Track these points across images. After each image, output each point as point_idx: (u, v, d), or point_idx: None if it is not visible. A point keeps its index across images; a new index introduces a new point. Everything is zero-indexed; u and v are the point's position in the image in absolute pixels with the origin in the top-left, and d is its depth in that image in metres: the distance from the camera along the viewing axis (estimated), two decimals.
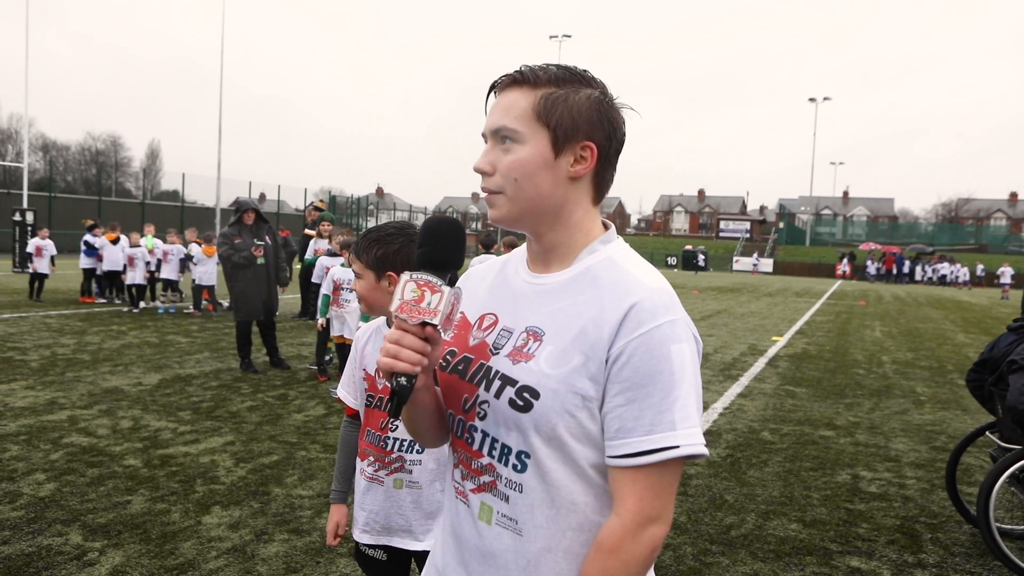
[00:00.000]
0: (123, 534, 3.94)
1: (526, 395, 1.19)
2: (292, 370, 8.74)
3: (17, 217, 24.09)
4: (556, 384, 1.17)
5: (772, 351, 11.98)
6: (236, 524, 4.14)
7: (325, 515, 4.30)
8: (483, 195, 1.28)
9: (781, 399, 8.17)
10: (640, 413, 1.14)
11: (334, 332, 7.46)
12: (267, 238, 8.78)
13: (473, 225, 63.33)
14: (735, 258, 54.27)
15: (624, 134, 1.28)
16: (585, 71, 1.27)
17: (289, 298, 15.41)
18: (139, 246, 14.12)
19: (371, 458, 2.16)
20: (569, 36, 56.10)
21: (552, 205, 1.25)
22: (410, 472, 2.13)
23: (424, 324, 1.16)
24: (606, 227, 1.33)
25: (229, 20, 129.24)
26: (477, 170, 1.26)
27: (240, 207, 8.83)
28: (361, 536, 2.19)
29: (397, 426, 2.13)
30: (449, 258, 1.21)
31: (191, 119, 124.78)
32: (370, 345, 2.24)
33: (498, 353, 1.26)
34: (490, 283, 1.38)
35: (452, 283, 1.20)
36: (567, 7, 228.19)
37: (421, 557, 2.16)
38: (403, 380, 1.15)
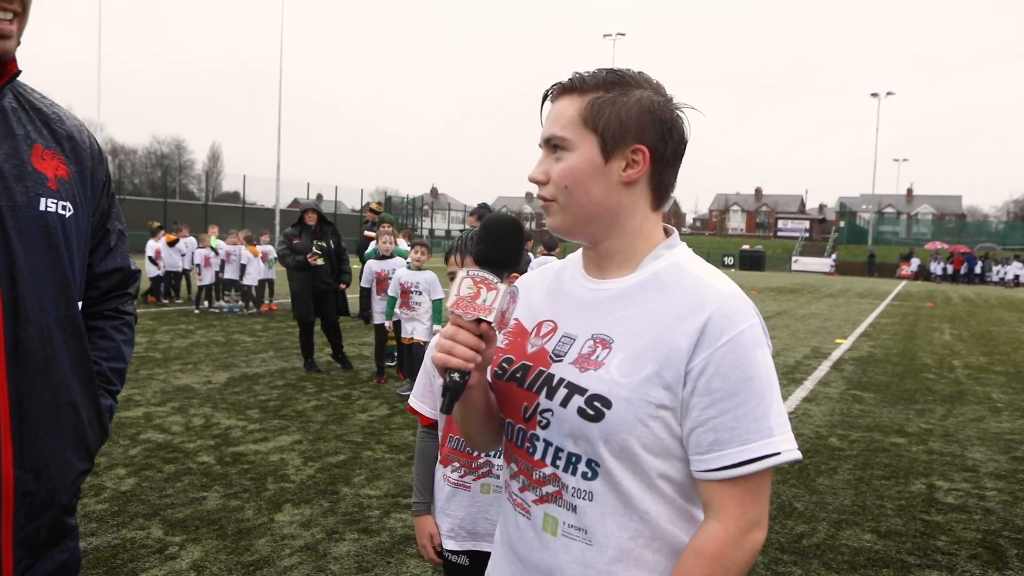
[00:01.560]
0: (200, 529, 4.06)
1: (597, 404, 1.17)
2: (355, 370, 8.88)
3: None
4: (629, 393, 1.15)
5: (836, 354, 11.69)
6: (307, 522, 4.22)
7: (394, 515, 4.36)
8: (539, 203, 1.28)
9: (848, 404, 7.97)
10: (735, 423, 1.12)
11: (405, 334, 7.39)
12: (330, 241, 8.93)
13: (529, 225, 63.45)
14: (794, 258, 53.12)
15: (683, 135, 1.25)
16: (639, 73, 1.25)
17: (349, 297, 15.66)
18: (208, 247, 14.51)
19: (456, 464, 2.18)
20: (623, 34, 55.61)
21: (606, 211, 1.23)
22: (498, 476, 2.14)
23: (479, 321, 1.17)
24: (667, 232, 1.31)
25: (288, 27, 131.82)
26: (532, 180, 1.26)
27: (304, 208, 9.01)
28: (447, 543, 2.20)
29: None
30: (507, 256, 1.22)
31: (251, 122, 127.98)
32: None
33: (560, 360, 1.24)
34: (546, 289, 1.36)
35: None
36: (624, 2, 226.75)
37: None
38: (456, 376, 1.16)
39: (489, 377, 1.32)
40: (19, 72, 1.39)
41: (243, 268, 14.30)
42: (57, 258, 1.39)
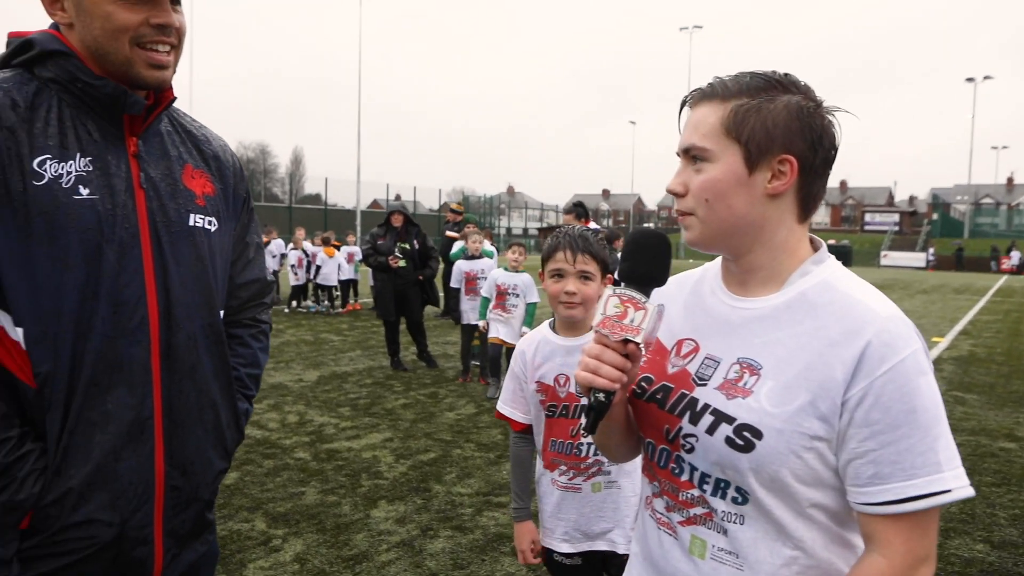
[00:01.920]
0: (301, 523, 4.20)
1: (746, 434, 1.12)
2: (440, 368, 9.01)
3: None
4: (781, 424, 1.10)
5: (934, 353, 11.18)
6: (402, 519, 4.31)
7: (486, 513, 4.40)
8: (676, 216, 1.24)
9: (950, 406, 7.61)
10: (898, 457, 1.05)
11: (492, 334, 7.33)
12: (415, 242, 9.08)
13: (604, 222, 63.00)
14: (883, 252, 51.03)
15: (834, 142, 1.18)
16: (786, 75, 1.18)
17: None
18: (299, 249, 14.98)
19: (563, 467, 2.17)
20: (700, 27, 54.36)
21: (749, 225, 1.17)
22: (608, 473, 2.13)
23: (626, 341, 1.14)
24: (815, 246, 1.24)
25: (366, 35, 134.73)
26: (670, 191, 1.22)
27: (390, 209, 9.20)
28: (560, 546, 2.19)
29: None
30: (654, 273, 1.19)
31: (332, 126, 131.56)
32: (539, 356, 2.20)
33: (704, 384, 1.19)
34: (683, 304, 1.31)
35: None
36: None
37: (610, 561, 2.16)
38: (601, 396, 1.14)
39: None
40: (175, 99, 1.49)
41: (318, 269, 14.70)
42: (203, 270, 1.48)
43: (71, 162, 1.31)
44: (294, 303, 15.00)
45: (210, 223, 1.50)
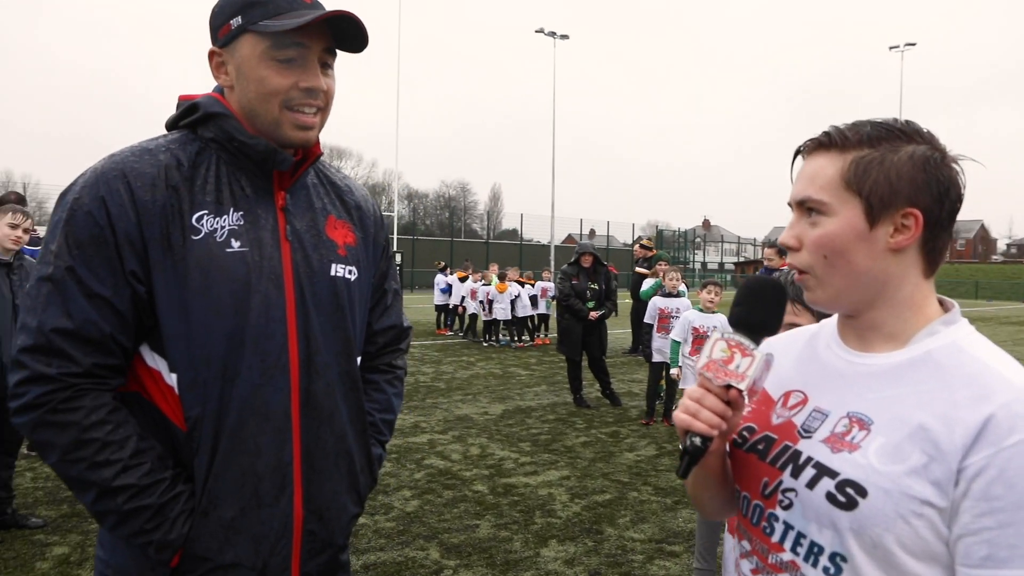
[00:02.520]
0: (472, 556, 4.28)
1: (850, 491, 1.03)
2: (623, 407, 8.90)
3: None
4: (889, 484, 1.01)
5: None
6: (571, 560, 4.26)
7: (657, 562, 4.25)
8: (793, 273, 1.18)
9: None
10: (1018, 540, 0.94)
11: (684, 385, 6.91)
12: (601, 283, 9.12)
13: None
14: None
15: (960, 193, 1.09)
16: (908, 123, 1.10)
17: (618, 332, 15.81)
18: (488, 283, 15.55)
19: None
20: (913, 44, 50.06)
21: (871, 281, 1.10)
22: None
23: (729, 387, 1.10)
24: (946, 306, 1.14)
25: (560, 74, 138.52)
26: (782, 244, 1.15)
27: (580, 250, 9.31)
28: None
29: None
30: (767, 321, 1.14)
31: (527, 163, 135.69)
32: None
33: (810, 437, 1.12)
34: (796, 356, 1.25)
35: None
36: (914, 8, 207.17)
37: None
38: (698, 440, 1.10)
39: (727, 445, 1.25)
40: (321, 154, 1.59)
41: (490, 304, 15.07)
42: (342, 318, 1.54)
43: (225, 216, 1.42)
44: (489, 336, 15.51)
45: (350, 272, 1.56)
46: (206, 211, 1.41)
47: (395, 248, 32.90)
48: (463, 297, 16.48)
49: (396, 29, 41.55)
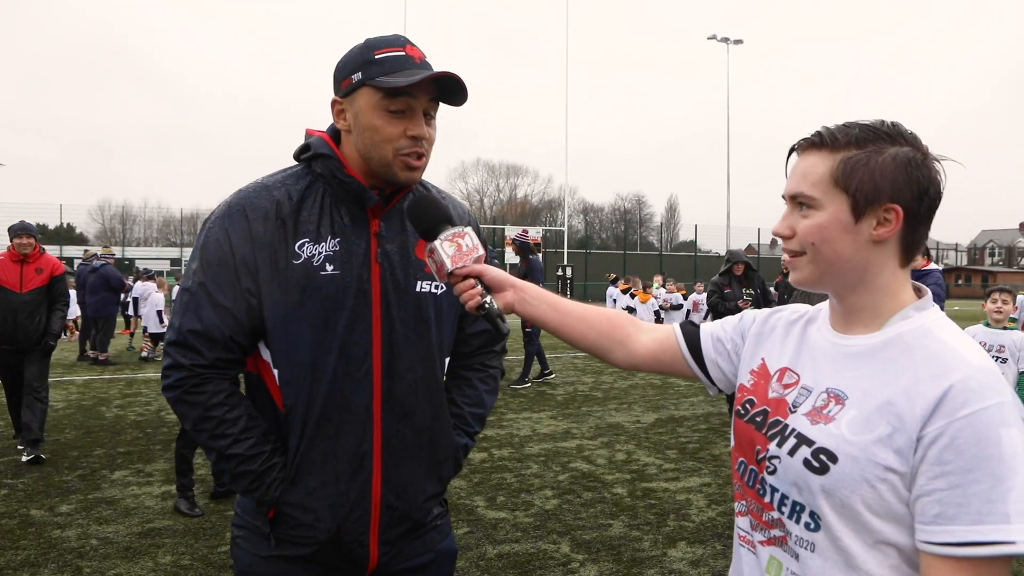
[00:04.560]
0: (601, 552, 4.51)
1: (823, 457, 1.18)
2: None
3: (559, 272, 28.72)
4: (857, 451, 1.15)
5: None
6: (697, 561, 4.38)
7: None
8: (785, 257, 1.32)
9: None
10: (965, 500, 1.06)
11: None
12: (756, 288, 8.99)
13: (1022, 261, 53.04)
14: None
15: (940, 191, 1.20)
16: (894, 125, 1.22)
17: None
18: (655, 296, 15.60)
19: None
20: None
21: (853, 268, 1.23)
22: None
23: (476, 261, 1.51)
24: (919, 293, 1.26)
25: (733, 81, 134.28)
26: (776, 234, 1.31)
27: (731, 259, 9.24)
28: None
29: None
30: (438, 215, 1.56)
31: (703, 172, 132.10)
32: None
33: (796, 412, 1.27)
34: (795, 337, 1.38)
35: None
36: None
37: None
38: (486, 304, 1.48)
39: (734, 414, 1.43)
40: (413, 188, 1.80)
41: (633, 313, 14.93)
42: (426, 329, 1.79)
43: (323, 243, 1.71)
44: None
45: (436, 287, 1.80)
46: (307, 239, 1.70)
47: (565, 262, 33.68)
48: (626, 308, 16.62)
49: (564, 46, 42.06)
